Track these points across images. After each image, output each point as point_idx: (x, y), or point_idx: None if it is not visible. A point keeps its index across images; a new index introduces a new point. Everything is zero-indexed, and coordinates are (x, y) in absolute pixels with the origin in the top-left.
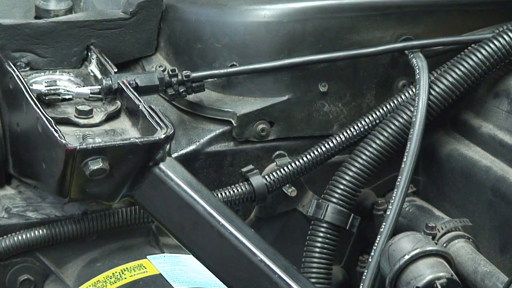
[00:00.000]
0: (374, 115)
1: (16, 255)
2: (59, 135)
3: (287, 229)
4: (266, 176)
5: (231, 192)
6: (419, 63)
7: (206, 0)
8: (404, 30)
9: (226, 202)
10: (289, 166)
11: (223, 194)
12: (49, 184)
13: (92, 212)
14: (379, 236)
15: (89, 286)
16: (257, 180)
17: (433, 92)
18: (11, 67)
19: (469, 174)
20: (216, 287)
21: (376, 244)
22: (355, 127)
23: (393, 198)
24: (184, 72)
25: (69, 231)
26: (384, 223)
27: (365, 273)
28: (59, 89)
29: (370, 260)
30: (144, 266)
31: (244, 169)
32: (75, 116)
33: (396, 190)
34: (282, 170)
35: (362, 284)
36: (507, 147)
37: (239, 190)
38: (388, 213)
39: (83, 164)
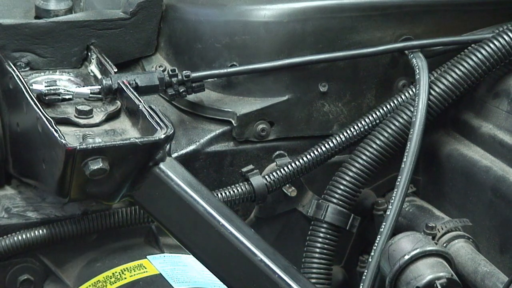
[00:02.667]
0: (374, 115)
1: (16, 255)
2: (59, 135)
3: (287, 229)
4: (266, 176)
5: (231, 192)
6: (419, 63)
7: (206, 0)
8: (404, 30)
9: (226, 202)
10: (289, 166)
11: (223, 194)
12: (49, 184)
13: (92, 212)
14: (379, 236)
15: (89, 286)
16: (257, 180)
17: (433, 92)
18: (11, 67)
19: (469, 174)
20: (216, 287)
21: (376, 244)
22: (355, 127)
23: (393, 198)
24: (184, 72)
25: (69, 231)
26: (384, 223)
27: (365, 273)
28: (59, 89)
29: (370, 260)
30: (144, 266)
31: (244, 169)
32: (75, 116)
33: (396, 190)
34: (282, 170)
35: (362, 284)
36: (507, 147)
37: (239, 190)
38: (388, 213)
39: (83, 164)
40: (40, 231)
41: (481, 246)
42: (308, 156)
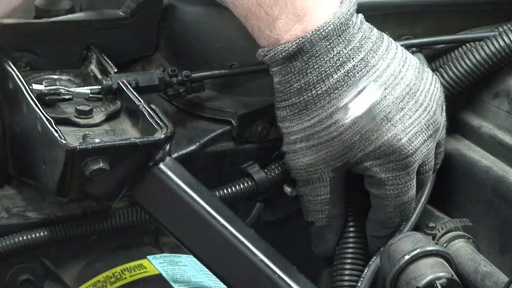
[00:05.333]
0: None
1: (16, 255)
2: (59, 135)
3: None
4: (267, 170)
5: (234, 188)
6: None
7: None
8: (404, 30)
9: (229, 198)
10: None
11: (225, 191)
12: (49, 184)
13: (92, 212)
14: None
15: (89, 286)
16: (258, 174)
17: None
18: (11, 67)
19: (469, 174)
20: (216, 287)
21: None
22: None
23: None
24: (184, 72)
25: (69, 231)
26: None
27: (364, 273)
28: (59, 89)
29: (372, 261)
30: (144, 266)
31: (244, 165)
32: (75, 116)
33: None
34: (283, 163)
35: (361, 282)
36: (507, 147)
37: (242, 186)
38: None
39: (83, 164)
40: (41, 231)
41: (481, 246)
42: None
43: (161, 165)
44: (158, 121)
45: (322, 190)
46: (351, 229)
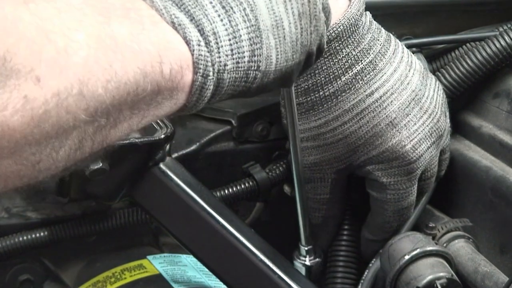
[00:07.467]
0: None
1: (16, 255)
2: None
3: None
4: (268, 170)
5: (235, 188)
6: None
7: None
8: (404, 30)
9: (231, 198)
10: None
11: (227, 191)
12: (49, 184)
13: (92, 212)
14: None
15: (89, 286)
16: (260, 174)
17: None
18: None
19: (469, 174)
20: (216, 287)
21: None
22: None
23: None
24: None
25: (69, 231)
26: None
27: (365, 273)
28: None
29: (373, 262)
30: (144, 266)
31: (245, 165)
32: None
33: None
34: (283, 163)
35: (362, 284)
36: (507, 147)
37: (243, 186)
38: None
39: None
40: (41, 231)
41: (481, 246)
42: None
43: (161, 165)
44: (158, 121)
45: (322, 190)
46: (346, 232)
